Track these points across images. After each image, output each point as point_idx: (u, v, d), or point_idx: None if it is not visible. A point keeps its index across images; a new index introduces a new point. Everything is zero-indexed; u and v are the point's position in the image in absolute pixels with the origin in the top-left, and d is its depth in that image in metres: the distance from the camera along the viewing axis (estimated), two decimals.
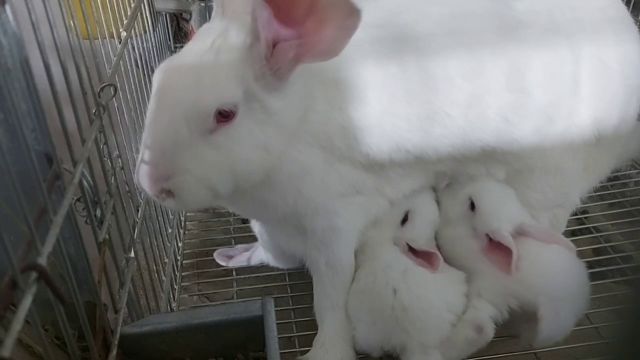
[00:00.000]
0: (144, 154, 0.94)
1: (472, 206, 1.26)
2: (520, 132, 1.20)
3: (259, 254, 1.46)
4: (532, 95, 1.18)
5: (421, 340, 1.10)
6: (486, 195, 1.26)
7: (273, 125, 0.99)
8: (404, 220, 1.28)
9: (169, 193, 0.95)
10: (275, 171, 1.04)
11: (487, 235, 1.20)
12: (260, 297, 0.99)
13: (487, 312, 1.12)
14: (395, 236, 1.26)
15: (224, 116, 0.94)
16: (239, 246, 1.55)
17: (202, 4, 2.04)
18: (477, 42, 1.15)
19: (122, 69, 1.13)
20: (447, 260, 1.24)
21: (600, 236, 1.51)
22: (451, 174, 1.27)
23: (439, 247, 1.29)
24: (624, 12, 1.31)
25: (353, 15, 0.87)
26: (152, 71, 1.01)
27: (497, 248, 1.18)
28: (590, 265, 1.22)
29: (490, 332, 1.10)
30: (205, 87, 0.93)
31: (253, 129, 0.97)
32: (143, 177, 0.94)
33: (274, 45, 0.93)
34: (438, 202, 1.34)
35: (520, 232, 1.19)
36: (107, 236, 0.87)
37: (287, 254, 1.30)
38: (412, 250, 1.24)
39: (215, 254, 1.51)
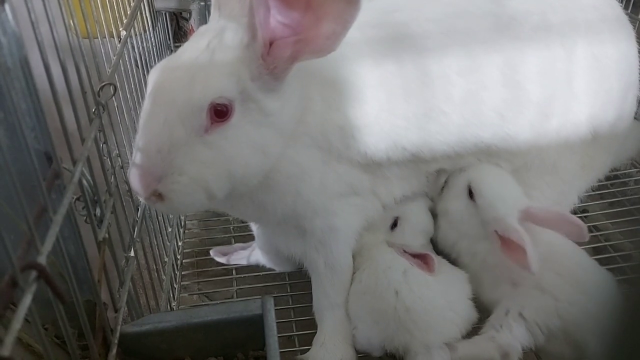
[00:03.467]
0: (138, 154, 0.93)
1: (471, 195, 1.23)
2: (515, 128, 1.20)
3: (257, 254, 1.46)
4: (526, 91, 1.19)
5: (424, 341, 1.10)
6: (485, 179, 1.23)
7: (270, 127, 0.99)
8: (393, 225, 1.28)
9: (160, 196, 0.93)
10: (273, 172, 1.04)
11: (496, 232, 1.17)
12: (260, 296, 1.00)
13: (520, 339, 1.09)
14: (387, 240, 1.27)
15: (219, 115, 0.93)
16: (236, 245, 1.55)
17: (202, 3, 2.04)
18: (471, 39, 1.16)
19: (122, 68, 1.13)
20: (490, 279, 1.21)
21: (600, 235, 1.51)
22: (450, 170, 1.27)
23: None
24: (618, 10, 1.31)
25: (351, 4, 0.87)
26: None
27: (513, 246, 1.12)
28: None
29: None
30: (198, 83, 0.92)
31: (250, 130, 0.97)
32: (135, 178, 0.92)
33: (271, 43, 0.93)
34: (434, 214, 1.33)
35: (527, 218, 1.16)
36: (106, 235, 0.87)
37: (285, 256, 1.30)
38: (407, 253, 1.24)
39: (211, 252, 1.51)
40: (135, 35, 1.37)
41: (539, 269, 1.10)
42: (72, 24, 0.84)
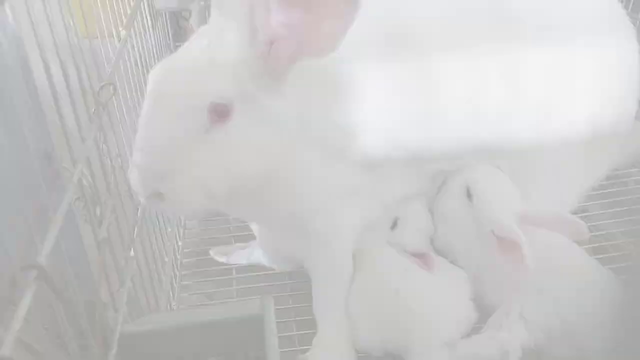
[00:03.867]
0: (137, 155, 0.93)
1: (469, 196, 1.23)
2: (516, 127, 1.20)
3: (257, 253, 1.46)
4: (528, 91, 1.19)
5: (424, 340, 1.09)
6: (483, 180, 1.23)
7: (270, 127, 0.99)
8: (394, 225, 1.28)
9: (160, 195, 0.93)
10: (274, 172, 1.04)
11: (492, 233, 1.16)
12: (260, 296, 0.99)
13: (521, 340, 1.08)
14: (388, 240, 1.27)
15: (220, 115, 0.93)
16: (236, 245, 1.55)
17: (202, 3, 2.03)
18: (473, 38, 1.16)
19: (122, 68, 1.13)
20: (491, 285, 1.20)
21: (600, 235, 1.51)
22: (449, 170, 1.27)
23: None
24: (620, 10, 1.31)
25: (352, 4, 0.86)
26: None
27: (509, 247, 1.12)
28: None
29: None
30: (198, 83, 0.92)
31: (250, 130, 0.96)
32: (135, 178, 0.93)
33: (271, 43, 0.93)
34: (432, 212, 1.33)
35: (524, 220, 1.15)
36: (106, 235, 0.87)
37: (286, 255, 1.30)
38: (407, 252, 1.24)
39: (211, 252, 1.51)
40: (135, 35, 1.37)
41: (539, 270, 1.10)
42: (71, 23, 0.84)
